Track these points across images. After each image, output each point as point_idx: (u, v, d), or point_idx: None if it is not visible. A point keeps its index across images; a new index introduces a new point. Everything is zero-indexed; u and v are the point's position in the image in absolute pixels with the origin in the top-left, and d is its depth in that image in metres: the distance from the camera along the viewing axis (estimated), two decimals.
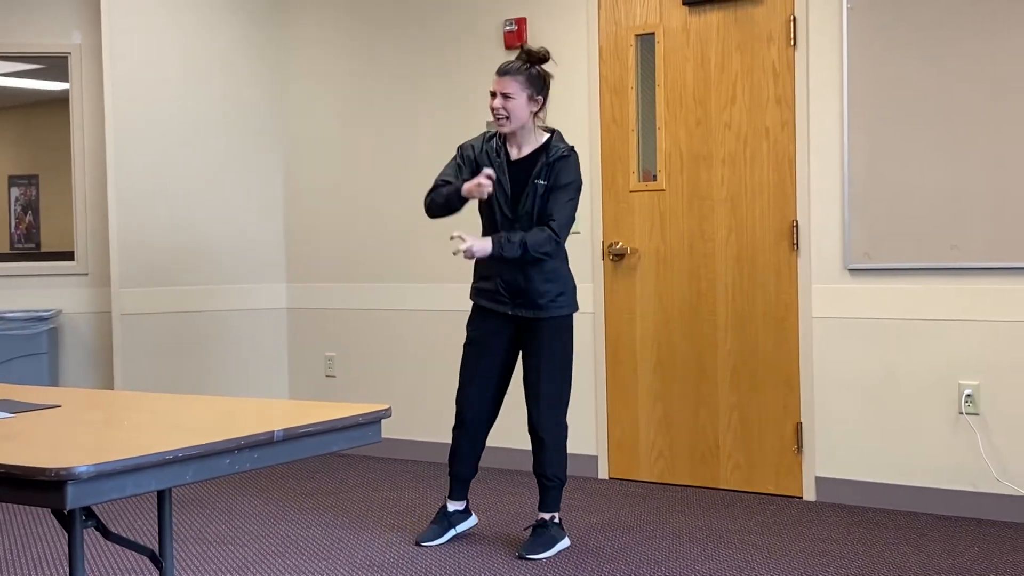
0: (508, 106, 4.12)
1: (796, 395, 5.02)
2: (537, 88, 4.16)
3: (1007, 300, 4.53)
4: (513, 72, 4.14)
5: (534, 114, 4.19)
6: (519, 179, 4.19)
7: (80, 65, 6.35)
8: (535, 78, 4.15)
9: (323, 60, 6.45)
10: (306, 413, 2.46)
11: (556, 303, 4.23)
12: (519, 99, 4.13)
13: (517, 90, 4.12)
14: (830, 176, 4.89)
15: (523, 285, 4.21)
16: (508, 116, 4.13)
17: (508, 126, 4.16)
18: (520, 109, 4.14)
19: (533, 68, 4.16)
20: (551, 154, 4.18)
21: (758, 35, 5.07)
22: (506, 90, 4.12)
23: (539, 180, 4.15)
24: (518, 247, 4.09)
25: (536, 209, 4.16)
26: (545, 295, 4.21)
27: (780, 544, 4.30)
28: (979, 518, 4.59)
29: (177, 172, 6.30)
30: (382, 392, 6.23)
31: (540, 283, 4.20)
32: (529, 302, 4.22)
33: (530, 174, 4.17)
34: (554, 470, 4.28)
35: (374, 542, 4.46)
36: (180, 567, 4.16)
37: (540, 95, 4.17)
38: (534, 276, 4.19)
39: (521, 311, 4.25)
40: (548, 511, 4.31)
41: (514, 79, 4.12)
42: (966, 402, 4.62)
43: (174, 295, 6.30)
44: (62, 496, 1.91)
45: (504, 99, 4.12)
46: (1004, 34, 4.49)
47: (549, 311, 4.22)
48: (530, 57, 4.16)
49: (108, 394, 3.04)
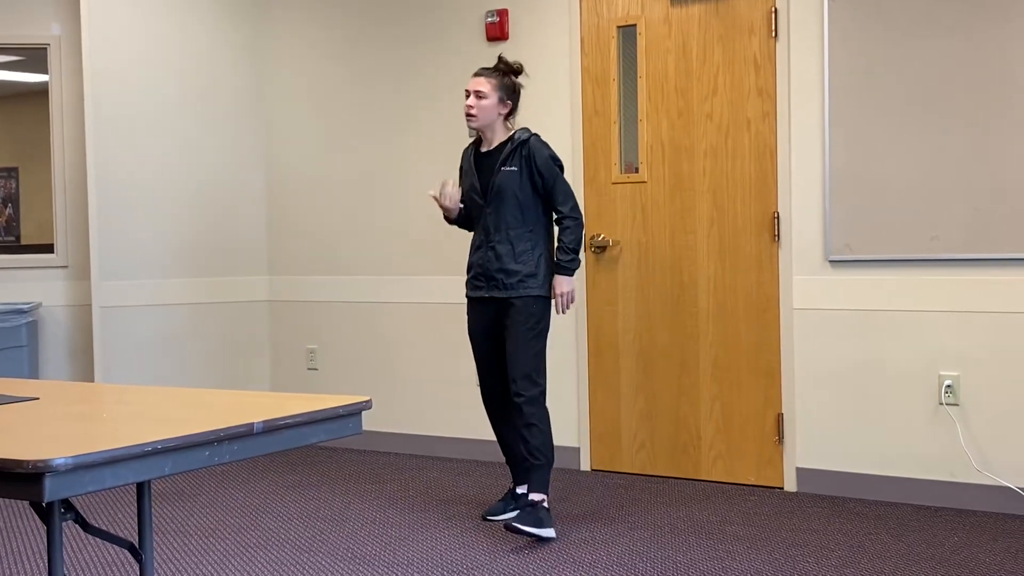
0: (479, 104, 4.46)
1: (777, 386, 5.03)
2: (507, 93, 4.51)
3: (987, 291, 4.56)
4: (487, 74, 4.51)
5: (504, 117, 4.53)
6: (487, 169, 4.52)
7: (59, 57, 6.31)
8: (507, 84, 4.50)
9: (305, 50, 6.43)
10: (286, 405, 2.45)
11: (524, 283, 4.43)
12: (490, 99, 4.47)
13: (489, 90, 4.46)
14: (811, 168, 4.90)
15: (494, 266, 4.46)
16: (476, 114, 4.47)
17: (475, 122, 4.50)
18: (489, 109, 4.47)
19: (507, 76, 4.51)
20: (513, 142, 4.48)
21: (739, 27, 5.07)
22: (479, 88, 4.46)
23: (506, 167, 4.45)
24: (569, 251, 4.44)
25: (509, 190, 4.42)
26: (514, 275, 4.43)
27: (761, 534, 4.32)
28: (959, 508, 4.62)
29: (157, 163, 6.27)
30: (364, 385, 6.22)
31: (510, 263, 4.44)
32: (499, 283, 4.46)
33: (496, 162, 4.48)
34: (537, 444, 4.37)
35: (356, 535, 4.46)
36: (161, 560, 4.15)
37: (510, 100, 4.52)
38: (505, 257, 4.45)
39: (494, 292, 4.48)
40: (535, 491, 4.37)
41: (488, 80, 4.48)
42: (946, 393, 4.64)
43: (155, 288, 6.28)
44: (40, 489, 1.90)
45: (476, 97, 4.46)
46: (984, 27, 4.51)
47: (517, 291, 4.43)
48: (506, 66, 4.52)
49: (87, 386, 3.03)
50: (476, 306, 4.58)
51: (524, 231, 4.43)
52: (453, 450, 5.94)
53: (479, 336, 4.60)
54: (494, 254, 4.45)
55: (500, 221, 4.44)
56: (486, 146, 4.56)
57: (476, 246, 4.55)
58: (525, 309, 4.43)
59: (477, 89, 4.45)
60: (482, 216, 4.51)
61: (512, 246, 4.43)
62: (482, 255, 4.50)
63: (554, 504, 4.77)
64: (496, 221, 4.45)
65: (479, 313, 4.57)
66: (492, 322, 4.54)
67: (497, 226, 4.45)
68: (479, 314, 4.57)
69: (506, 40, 5.67)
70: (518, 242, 4.43)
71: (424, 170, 5.99)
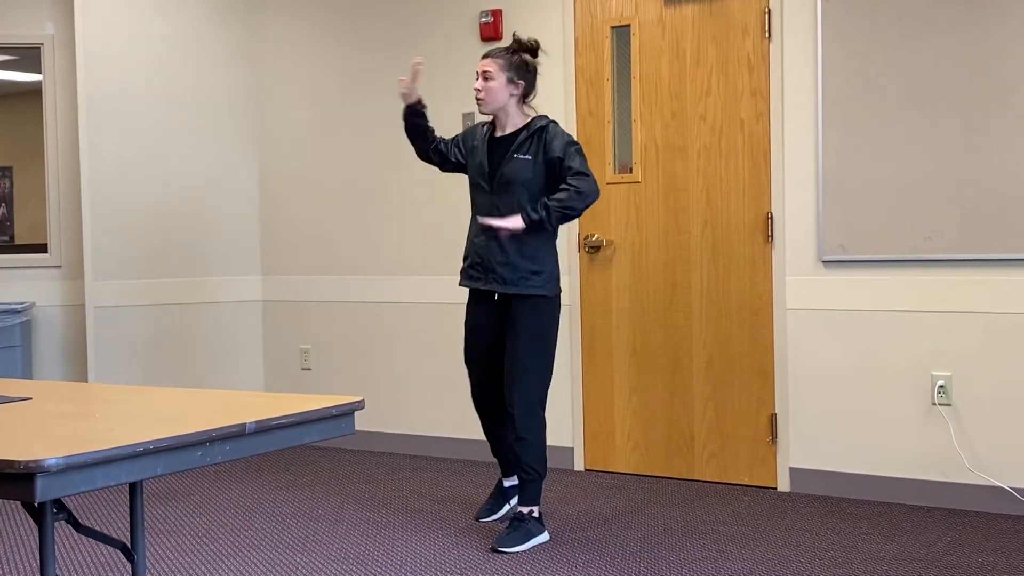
0: (487, 86, 4.25)
1: (771, 386, 5.04)
2: (518, 73, 4.26)
3: (980, 291, 4.56)
4: (494, 55, 4.29)
5: (518, 99, 4.30)
6: (498, 154, 4.27)
7: (53, 56, 6.30)
8: (517, 63, 4.27)
9: (299, 51, 6.43)
10: (278, 405, 2.45)
11: (528, 280, 4.20)
12: (498, 80, 4.24)
13: (496, 71, 4.24)
14: (804, 168, 4.91)
15: (497, 259, 4.22)
16: (484, 97, 4.26)
17: (484, 106, 4.29)
18: (498, 90, 4.25)
19: (516, 55, 4.28)
20: (530, 128, 4.26)
21: (733, 27, 5.08)
22: (486, 69, 4.26)
23: (519, 154, 4.21)
24: (542, 207, 4.11)
25: (519, 179, 4.19)
26: (517, 270, 4.20)
27: (754, 534, 4.32)
28: (951, 508, 4.62)
29: (151, 164, 6.27)
30: (358, 385, 6.22)
31: (514, 257, 4.21)
32: (499, 277, 4.23)
33: (509, 148, 4.25)
34: (528, 460, 4.24)
35: (350, 535, 4.46)
36: (154, 560, 4.15)
37: (521, 80, 4.27)
38: (509, 250, 4.20)
39: (494, 285, 4.26)
40: (525, 504, 4.29)
41: (495, 60, 4.26)
42: (939, 393, 4.65)
43: (148, 288, 6.27)
44: (32, 489, 1.90)
45: (484, 80, 4.25)
46: (977, 28, 4.51)
47: (519, 287, 4.21)
48: (519, 45, 4.30)
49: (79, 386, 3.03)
50: (477, 301, 4.36)
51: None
52: (446, 450, 5.94)
53: (476, 331, 4.39)
54: (498, 246, 4.19)
55: (507, 211, 4.15)
56: (500, 131, 4.31)
57: (476, 232, 4.29)
58: (531, 314, 4.21)
59: (485, 70, 4.24)
60: (485, 202, 4.26)
61: (519, 239, 4.16)
62: (482, 244, 4.24)
63: (548, 505, 4.77)
64: (502, 211, 4.17)
65: (478, 306, 4.37)
66: (493, 318, 4.32)
67: (503, 215, 4.16)
68: (478, 308, 4.37)
69: (500, 40, 5.67)
70: (525, 235, 4.15)
71: (417, 171, 5.98)
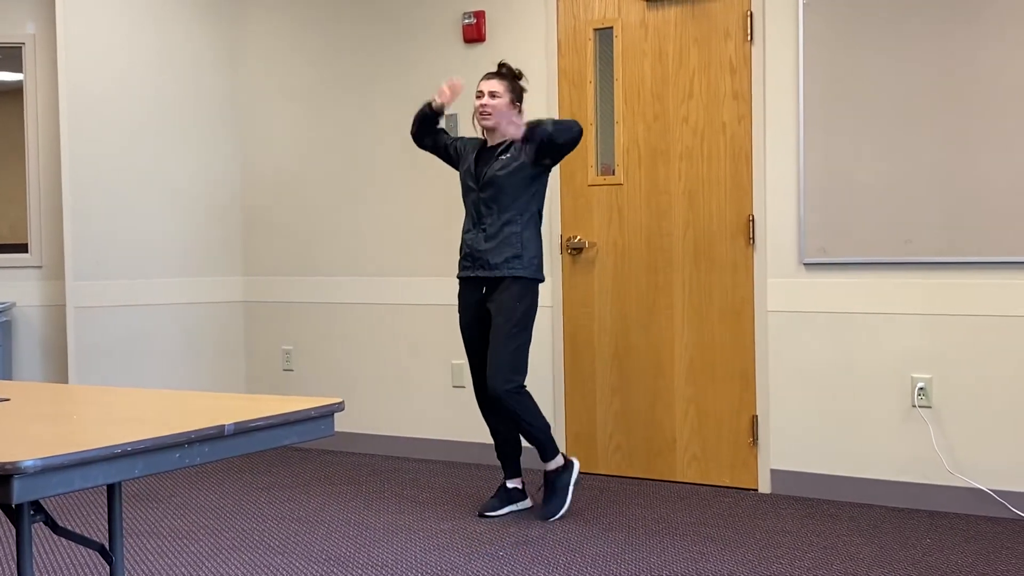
0: (494, 103, 4.65)
1: (752, 388, 5.05)
2: (517, 95, 4.74)
3: (959, 294, 4.59)
4: (499, 76, 4.73)
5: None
6: (486, 160, 4.68)
7: (34, 56, 6.27)
8: (516, 88, 4.74)
9: (280, 50, 6.41)
10: (258, 407, 2.45)
11: (509, 264, 4.57)
12: (504, 98, 4.67)
13: (503, 91, 4.68)
14: (786, 171, 4.92)
15: (482, 247, 4.60)
16: (492, 112, 4.63)
17: (488, 120, 4.66)
18: (503, 108, 4.65)
19: (515, 81, 4.74)
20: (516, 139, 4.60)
21: (715, 30, 5.09)
22: (493, 88, 4.68)
23: (503, 155, 4.61)
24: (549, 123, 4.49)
25: (502, 175, 4.56)
26: (499, 255, 4.58)
27: (735, 536, 4.33)
28: (931, 510, 4.64)
29: (132, 164, 6.25)
30: (340, 386, 6.21)
31: (498, 244, 4.58)
32: (485, 263, 4.61)
33: (496, 152, 4.67)
34: (527, 431, 4.60)
35: (330, 536, 4.45)
36: (134, 562, 4.13)
37: (519, 102, 4.75)
38: (492, 239, 4.59)
39: (480, 271, 4.63)
40: (547, 460, 4.66)
41: (500, 81, 4.70)
42: (919, 395, 4.67)
43: (129, 288, 6.25)
44: (8, 490, 1.89)
45: (491, 97, 4.67)
46: (958, 30, 4.54)
47: (501, 271, 4.58)
48: (508, 71, 4.74)
49: (58, 387, 3.01)
50: (465, 287, 4.73)
51: (513, 215, 4.57)
52: (428, 452, 5.94)
53: (468, 322, 4.71)
54: (483, 236, 4.60)
55: (492, 204, 4.59)
56: (491, 142, 4.72)
57: (467, 229, 4.70)
58: (508, 292, 4.56)
59: (492, 90, 4.67)
60: (474, 201, 4.65)
61: (500, 229, 4.57)
62: (472, 237, 4.65)
63: (530, 508, 4.77)
64: (488, 205, 4.60)
65: (468, 295, 4.71)
66: (480, 306, 4.66)
67: (489, 209, 4.60)
68: (468, 296, 4.71)
69: (483, 41, 5.68)
70: (506, 225, 4.57)
71: (400, 173, 5.98)
